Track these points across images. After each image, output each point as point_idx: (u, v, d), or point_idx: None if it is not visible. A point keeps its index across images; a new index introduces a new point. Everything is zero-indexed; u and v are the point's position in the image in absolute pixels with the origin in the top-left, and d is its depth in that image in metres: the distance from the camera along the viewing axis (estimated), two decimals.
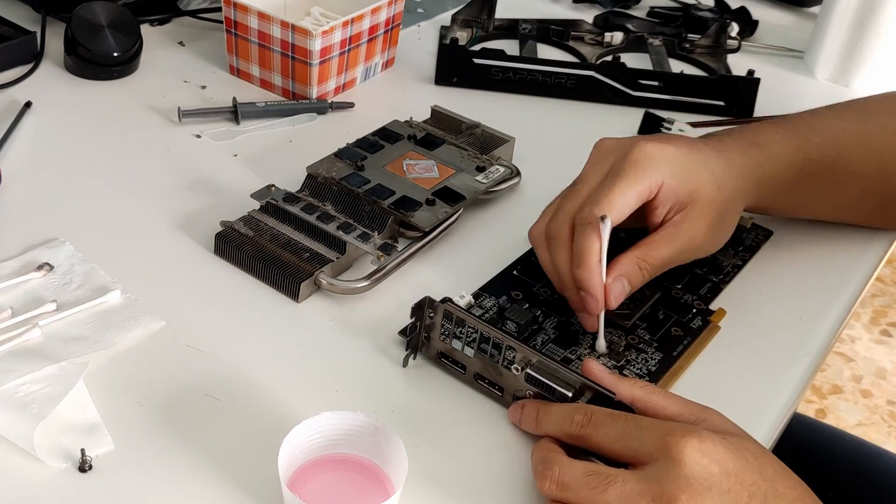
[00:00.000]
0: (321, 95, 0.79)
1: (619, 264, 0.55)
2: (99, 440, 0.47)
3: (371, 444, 0.46)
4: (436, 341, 0.53)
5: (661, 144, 0.56)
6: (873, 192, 0.66)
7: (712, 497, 0.42)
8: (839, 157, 0.64)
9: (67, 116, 0.74)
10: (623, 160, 0.56)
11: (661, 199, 0.56)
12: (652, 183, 0.55)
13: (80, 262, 0.58)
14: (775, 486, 0.43)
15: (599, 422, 0.46)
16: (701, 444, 0.43)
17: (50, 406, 0.47)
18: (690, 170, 0.56)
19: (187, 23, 0.90)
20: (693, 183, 0.56)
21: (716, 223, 0.58)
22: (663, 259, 0.56)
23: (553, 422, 0.48)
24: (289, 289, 0.58)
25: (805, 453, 0.79)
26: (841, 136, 0.65)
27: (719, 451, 0.43)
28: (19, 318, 0.53)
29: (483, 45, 0.91)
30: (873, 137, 0.65)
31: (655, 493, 0.42)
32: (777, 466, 0.45)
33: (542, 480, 0.45)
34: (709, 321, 0.59)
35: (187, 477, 0.46)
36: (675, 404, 0.48)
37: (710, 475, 0.42)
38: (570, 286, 0.55)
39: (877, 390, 1.80)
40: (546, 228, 0.57)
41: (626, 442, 0.45)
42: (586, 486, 0.44)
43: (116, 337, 0.53)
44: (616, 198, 0.54)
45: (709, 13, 1.00)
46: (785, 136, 0.63)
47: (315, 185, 0.64)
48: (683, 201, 0.56)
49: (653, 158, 0.55)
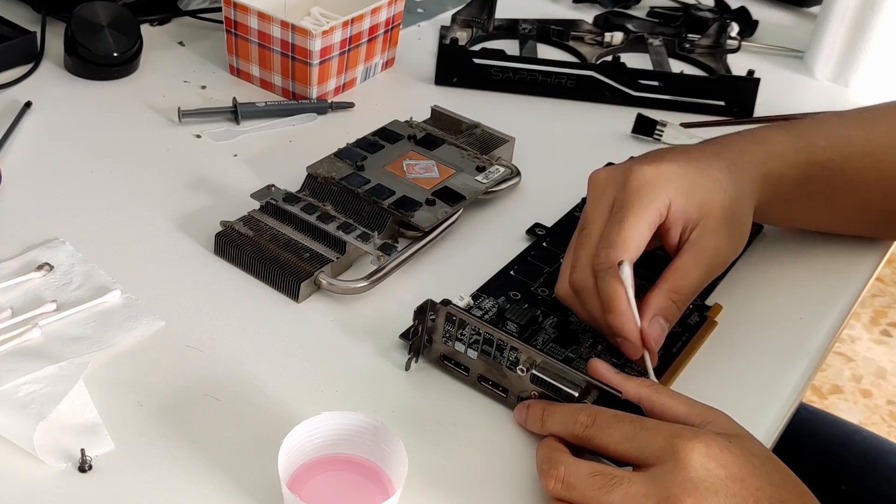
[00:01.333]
0: (321, 95, 0.79)
1: (652, 303, 0.53)
2: (99, 440, 0.47)
3: (371, 445, 0.46)
4: (438, 344, 0.53)
5: (657, 165, 0.55)
6: (875, 202, 0.66)
7: (718, 501, 0.42)
8: (843, 163, 0.63)
9: (67, 116, 0.74)
10: (624, 192, 0.54)
11: (672, 219, 0.54)
12: (660, 207, 0.54)
13: (80, 262, 0.58)
14: (781, 492, 0.43)
15: (604, 423, 0.46)
16: (707, 449, 0.43)
17: (50, 406, 0.47)
18: (694, 182, 0.55)
19: (187, 23, 0.90)
20: (699, 195, 0.55)
21: (733, 228, 0.56)
22: (693, 284, 0.54)
23: (558, 422, 0.48)
24: (289, 289, 0.58)
25: (820, 447, 0.80)
26: (846, 142, 0.64)
27: (725, 455, 0.43)
28: (19, 318, 0.53)
29: (483, 45, 0.91)
30: (878, 147, 0.65)
31: (661, 495, 0.42)
32: (783, 471, 0.45)
33: (548, 479, 0.45)
34: (706, 317, 0.59)
35: (187, 477, 0.46)
36: (682, 405, 0.48)
37: (717, 479, 0.42)
38: (610, 334, 0.54)
39: (877, 390, 1.80)
40: (570, 283, 0.55)
41: (632, 444, 0.45)
42: (591, 486, 0.44)
43: (116, 337, 0.53)
44: (628, 235, 0.52)
45: (709, 13, 1.00)
46: (788, 138, 0.62)
47: (315, 185, 0.64)
48: (695, 217, 0.55)
49: (653, 182, 0.54)
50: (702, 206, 0.55)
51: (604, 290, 0.52)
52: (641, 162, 0.55)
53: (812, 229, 0.69)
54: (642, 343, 0.52)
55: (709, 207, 0.55)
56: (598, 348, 0.56)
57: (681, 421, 0.46)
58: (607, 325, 0.53)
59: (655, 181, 0.54)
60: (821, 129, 0.64)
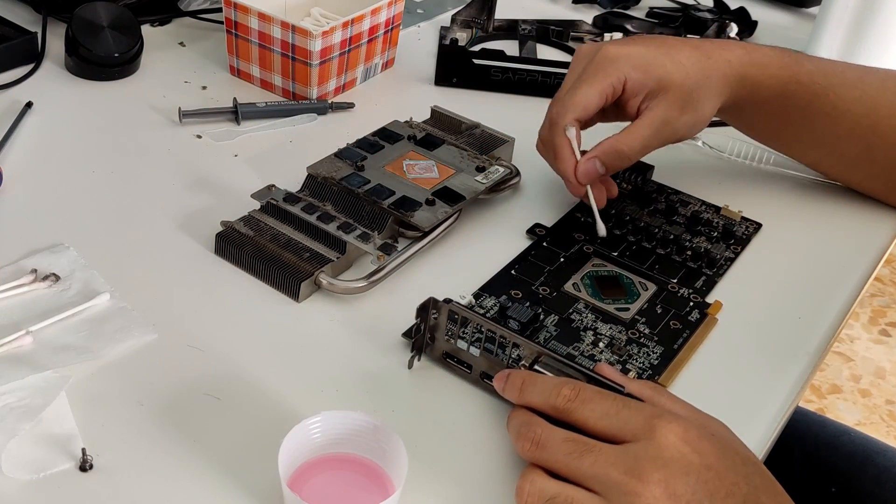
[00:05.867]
0: (321, 96, 0.79)
1: (596, 148, 0.62)
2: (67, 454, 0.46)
3: (371, 444, 0.46)
4: (440, 342, 0.53)
5: (623, 45, 0.63)
6: (859, 135, 0.67)
7: (687, 483, 0.41)
8: (829, 88, 0.66)
9: (68, 117, 0.74)
10: (590, 64, 0.63)
11: (630, 92, 0.63)
12: (614, 81, 0.62)
13: (81, 267, 0.58)
14: (758, 495, 0.42)
15: (588, 398, 0.46)
16: (686, 433, 0.43)
17: (25, 421, 0.47)
18: (655, 62, 0.62)
19: (188, 23, 0.90)
20: (658, 72, 0.62)
21: (688, 106, 0.63)
22: (637, 141, 0.62)
23: (539, 392, 0.47)
24: (289, 289, 0.58)
25: (809, 448, 0.80)
26: (836, 73, 0.67)
27: (704, 445, 0.43)
28: (12, 322, 0.53)
29: (483, 45, 0.91)
30: (870, 85, 0.67)
31: (629, 466, 0.42)
32: (767, 479, 0.44)
33: (523, 441, 0.45)
34: (706, 314, 0.60)
35: (187, 477, 0.46)
36: (683, 409, 0.47)
37: (689, 463, 0.42)
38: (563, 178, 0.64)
39: (876, 390, 1.80)
40: (539, 137, 0.66)
41: (612, 420, 0.44)
42: (564, 450, 0.44)
43: (105, 347, 0.52)
44: (578, 99, 0.62)
45: (708, 13, 1.00)
46: (776, 53, 0.66)
47: (315, 186, 0.64)
48: (654, 90, 0.62)
49: (613, 58, 0.62)
50: (660, 81, 0.62)
51: (552, 140, 0.63)
52: (613, 42, 0.64)
53: (797, 159, 0.72)
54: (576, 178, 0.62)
55: (667, 83, 0.62)
56: (600, 346, 0.56)
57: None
58: (556, 170, 0.64)
59: (617, 58, 0.62)
60: (815, 59, 0.68)
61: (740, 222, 0.68)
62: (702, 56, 0.63)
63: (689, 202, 0.70)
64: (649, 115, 0.62)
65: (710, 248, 0.65)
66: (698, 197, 0.71)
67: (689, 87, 0.62)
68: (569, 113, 0.62)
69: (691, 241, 0.66)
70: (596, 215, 0.64)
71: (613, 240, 0.65)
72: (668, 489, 0.41)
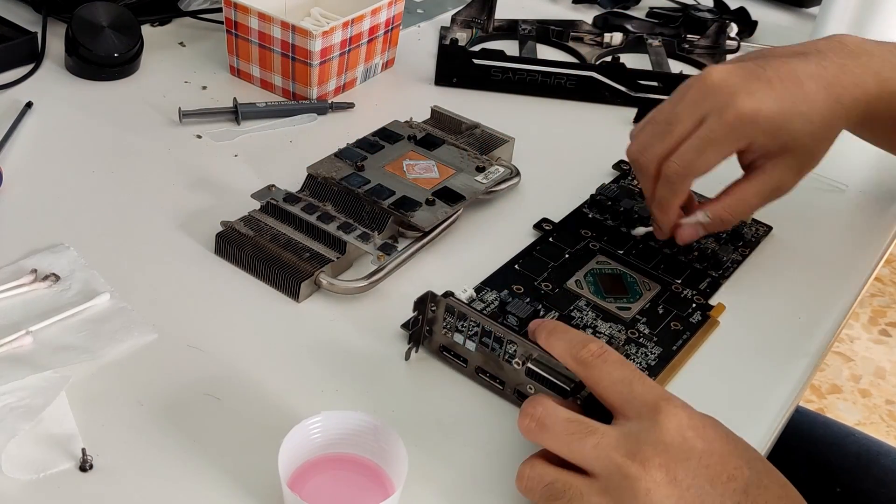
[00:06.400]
0: (321, 96, 0.79)
1: (700, 212, 0.60)
2: (68, 454, 0.46)
3: (371, 444, 0.46)
4: (438, 335, 0.53)
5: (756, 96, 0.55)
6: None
7: (689, 467, 0.41)
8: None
9: (68, 117, 0.74)
10: (719, 118, 0.56)
11: (749, 152, 0.58)
12: (741, 146, 0.57)
13: (81, 268, 0.58)
14: (761, 478, 0.43)
15: (610, 359, 0.45)
16: (690, 420, 0.43)
17: (25, 421, 0.47)
18: (784, 126, 0.56)
19: (188, 23, 0.90)
20: (785, 137, 0.57)
21: (804, 168, 0.59)
22: (747, 208, 0.60)
23: (567, 340, 0.47)
24: (289, 289, 0.58)
25: (814, 449, 0.80)
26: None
27: (708, 431, 0.43)
28: (12, 322, 0.53)
29: (483, 45, 0.91)
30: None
31: (631, 450, 0.42)
32: (768, 466, 0.44)
33: (524, 417, 0.45)
34: (708, 316, 0.60)
35: (187, 477, 0.46)
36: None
37: (691, 448, 0.42)
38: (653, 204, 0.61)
39: (875, 390, 1.80)
40: (638, 161, 0.60)
41: (623, 388, 0.44)
42: (566, 430, 0.43)
43: (105, 347, 0.52)
44: (704, 161, 0.57)
45: (708, 14, 1.00)
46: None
47: (315, 186, 0.64)
48: (774, 152, 0.58)
49: (749, 121, 0.56)
50: (784, 146, 0.57)
51: (662, 192, 0.59)
52: (749, 91, 0.56)
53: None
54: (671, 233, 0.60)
55: (791, 147, 0.57)
56: None
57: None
58: (653, 211, 0.61)
59: (753, 122, 0.56)
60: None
61: (750, 224, 0.68)
62: (831, 100, 0.57)
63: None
64: (763, 178, 0.59)
65: (717, 249, 0.65)
66: (709, 197, 0.71)
67: (810, 148, 0.58)
68: (693, 175, 0.58)
69: (699, 242, 0.65)
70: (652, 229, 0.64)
71: (620, 238, 0.65)
72: (668, 474, 0.41)
